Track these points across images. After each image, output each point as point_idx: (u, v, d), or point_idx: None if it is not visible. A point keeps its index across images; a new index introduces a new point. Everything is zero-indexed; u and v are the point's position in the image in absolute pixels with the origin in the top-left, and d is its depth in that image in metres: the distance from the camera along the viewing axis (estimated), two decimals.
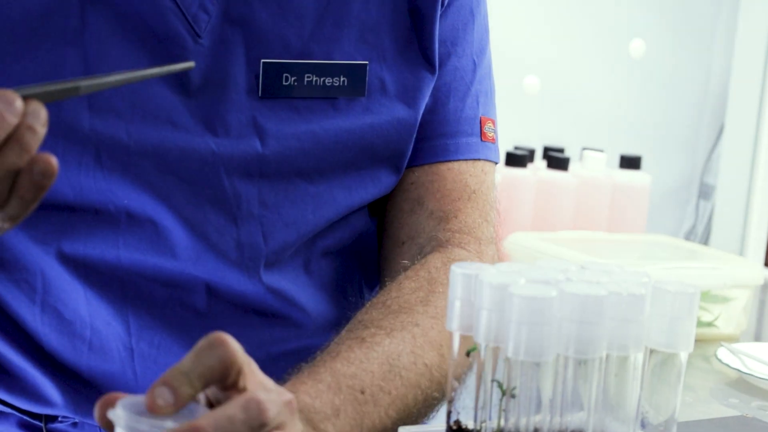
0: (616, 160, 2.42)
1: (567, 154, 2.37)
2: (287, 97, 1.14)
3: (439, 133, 1.22)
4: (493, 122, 1.27)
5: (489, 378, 0.89)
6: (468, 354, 0.91)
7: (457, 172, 1.22)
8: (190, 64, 0.95)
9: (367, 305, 1.12)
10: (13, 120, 0.82)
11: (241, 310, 1.15)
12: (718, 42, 2.92)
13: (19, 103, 0.83)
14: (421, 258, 1.17)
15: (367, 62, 1.16)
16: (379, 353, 1.04)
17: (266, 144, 1.13)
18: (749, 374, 1.48)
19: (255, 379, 0.85)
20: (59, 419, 1.16)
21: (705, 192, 2.94)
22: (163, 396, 0.81)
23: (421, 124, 1.21)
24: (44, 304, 1.13)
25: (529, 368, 0.86)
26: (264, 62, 1.13)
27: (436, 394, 1.08)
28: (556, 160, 2.21)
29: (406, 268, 1.16)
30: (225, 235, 1.13)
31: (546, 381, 0.86)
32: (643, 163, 2.40)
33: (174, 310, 1.14)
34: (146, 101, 1.10)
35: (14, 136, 0.83)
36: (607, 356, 0.89)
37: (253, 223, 1.14)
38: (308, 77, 1.14)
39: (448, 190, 1.20)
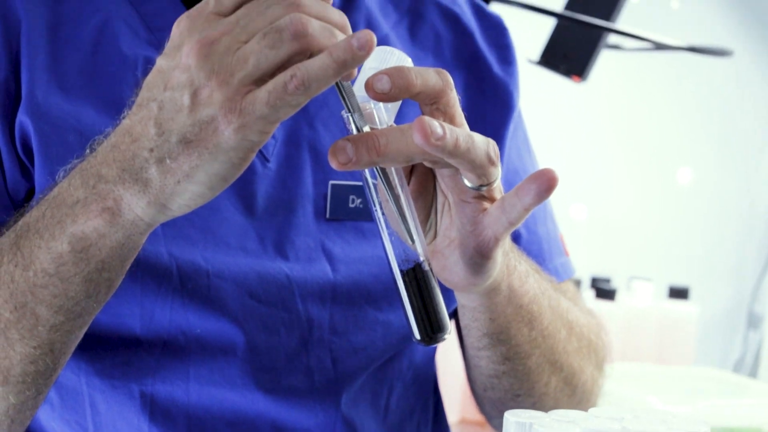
0: (664, 289, 2.41)
1: (614, 283, 2.36)
2: (353, 220, 1.15)
3: (539, 260, 1.24)
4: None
5: None
6: None
7: (562, 292, 1.25)
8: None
9: None
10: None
11: None
12: (765, 169, 2.92)
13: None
14: None
15: None
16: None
17: (336, 269, 1.13)
18: None
19: None
20: None
21: (753, 321, 2.92)
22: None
23: None
24: None
25: None
26: (332, 183, 1.14)
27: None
28: (603, 290, 2.20)
29: None
30: (295, 360, 1.12)
31: None
32: (691, 292, 2.38)
33: None
34: (216, 227, 1.10)
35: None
36: None
37: (323, 349, 1.13)
38: None
39: None
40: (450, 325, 0.90)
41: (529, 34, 1.86)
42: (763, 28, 2.90)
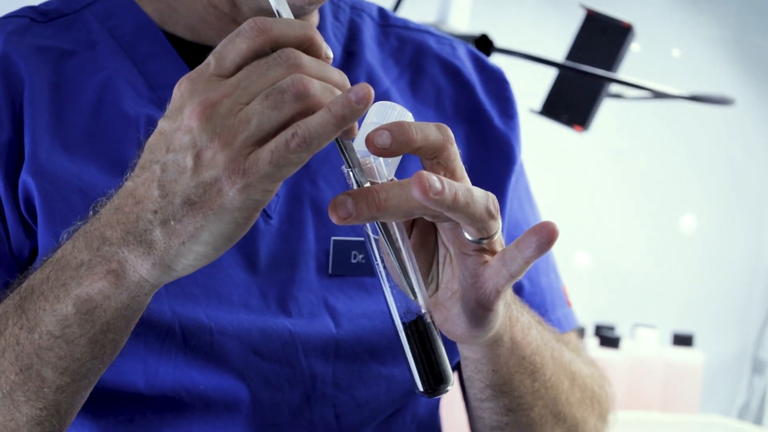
0: (668, 336, 2.41)
1: (618, 330, 2.35)
2: (356, 275, 1.15)
3: (542, 311, 1.24)
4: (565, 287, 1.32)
5: None
6: None
7: (565, 343, 1.25)
8: None
9: None
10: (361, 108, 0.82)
11: None
12: None
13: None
14: None
15: None
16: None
17: (339, 324, 1.13)
18: None
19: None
20: None
21: (758, 367, 2.91)
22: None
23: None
24: None
25: None
26: (334, 240, 1.14)
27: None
28: (607, 338, 2.20)
29: None
30: (298, 416, 1.12)
31: None
32: (695, 339, 2.38)
33: None
34: (219, 284, 1.11)
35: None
36: None
37: (326, 405, 1.13)
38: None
39: None
40: (453, 377, 0.90)
41: (530, 84, 1.87)
42: (765, 76, 2.92)
